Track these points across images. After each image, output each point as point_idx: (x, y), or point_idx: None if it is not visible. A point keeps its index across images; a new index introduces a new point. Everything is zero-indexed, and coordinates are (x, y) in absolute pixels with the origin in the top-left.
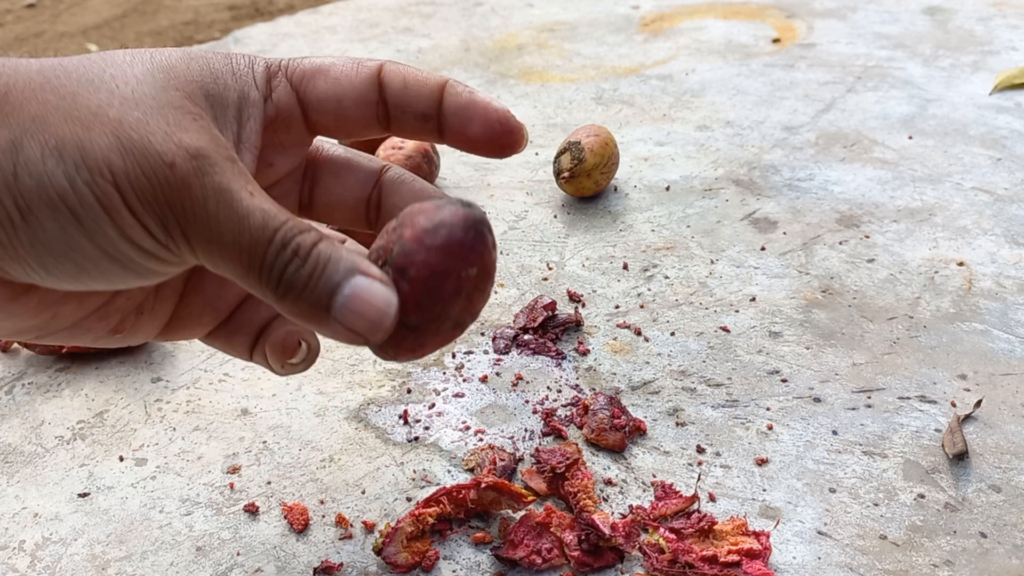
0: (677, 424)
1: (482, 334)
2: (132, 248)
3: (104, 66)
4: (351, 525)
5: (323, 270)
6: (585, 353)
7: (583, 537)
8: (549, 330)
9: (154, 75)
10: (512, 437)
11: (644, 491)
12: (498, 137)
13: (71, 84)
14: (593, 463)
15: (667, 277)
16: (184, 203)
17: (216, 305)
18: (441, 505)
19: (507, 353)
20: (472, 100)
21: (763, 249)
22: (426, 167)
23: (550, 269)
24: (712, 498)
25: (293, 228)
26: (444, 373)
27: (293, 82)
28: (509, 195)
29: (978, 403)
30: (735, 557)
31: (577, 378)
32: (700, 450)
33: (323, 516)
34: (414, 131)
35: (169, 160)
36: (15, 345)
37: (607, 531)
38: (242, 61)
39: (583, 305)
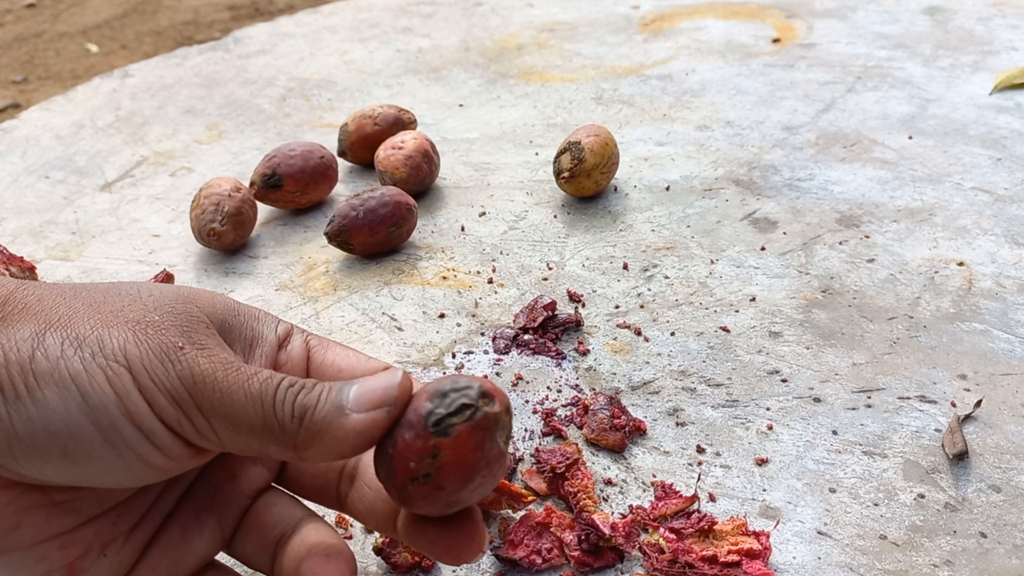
0: (677, 424)
1: (482, 334)
2: (133, 432)
3: (134, 285)
4: (351, 525)
5: (329, 389)
6: (585, 353)
7: (583, 537)
8: (549, 330)
9: (177, 294)
10: (512, 437)
11: (644, 491)
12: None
13: (99, 294)
14: (593, 463)
15: (667, 277)
16: (195, 375)
17: (178, 560)
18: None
19: (507, 353)
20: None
21: (763, 249)
22: (426, 167)
23: (550, 269)
24: (712, 498)
25: (293, 380)
26: (444, 373)
27: (309, 345)
28: (509, 195)
29: (978, 403)
30: (735, 557)
31: (577, 378)
32: (700, 450)
33: (323, 516)
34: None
35: (179, 345)
36: None
37: (607, 531)
38: (269, 317)
39: (583, 305)
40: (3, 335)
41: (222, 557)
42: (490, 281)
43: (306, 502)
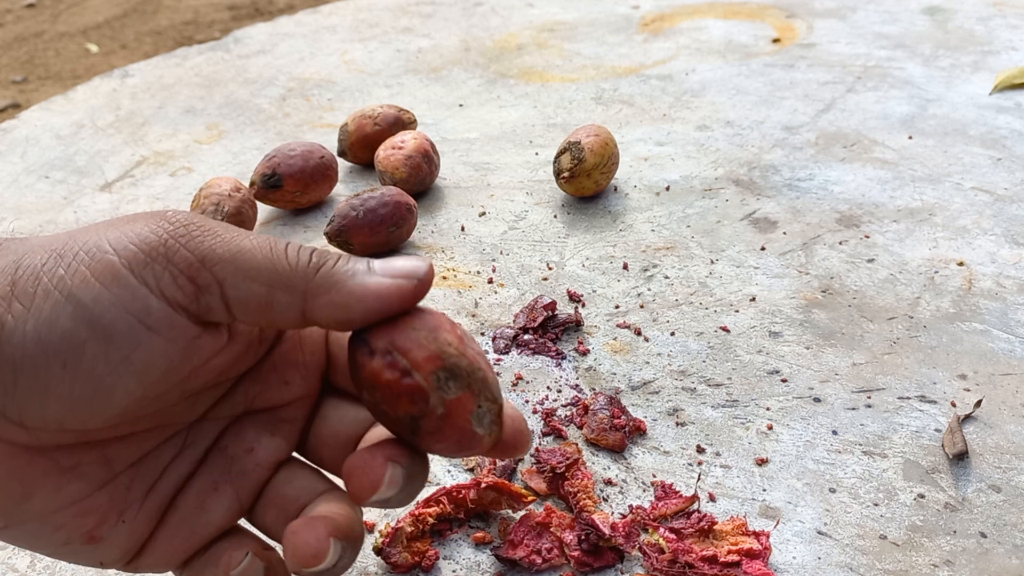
0: (677, 424)
1: (482, 334)
2: (127, 319)
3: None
4: None
5: (349, 256)
6: (585, 353)
7: (583, 537)
8: (549, 330)
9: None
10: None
11: (644, 491)
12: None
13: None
14: (593, 463)
15: (667, 277)
16: (191, 232)
17: (196, 528)
18: (441, 505)
19: (507, 353)
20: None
21: (763, 249)
22: (426, 167)
23: (550, 269)
24: (712, 498)
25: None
26: None
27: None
28: (509, 195)
29: (978, 403)
30: (735, 557)
31: (577, 378)
32: (700, 450)
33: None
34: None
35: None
36: None
37: (607, 531)
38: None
39: (583, 305)
40: None
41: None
42: (490, 281)
43: (328, 475)
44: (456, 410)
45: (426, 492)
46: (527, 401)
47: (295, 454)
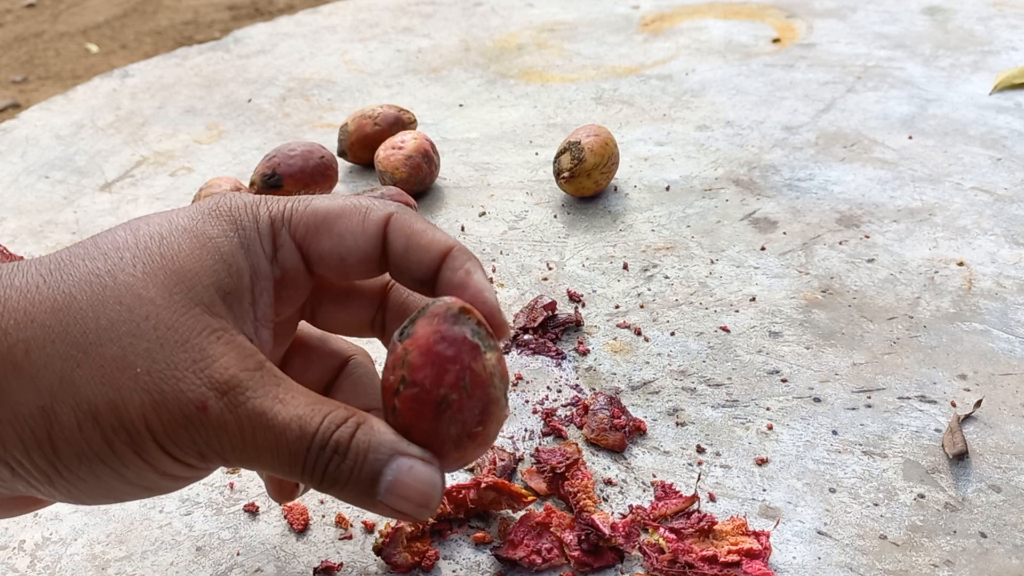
0: (677, 424)
1: None
2: (168, 480)
3: (118, 293)
4: (351, 525)
5: (364, 459)
6: (585, 353)
7: (583, 537)
8: (549, 330)
9: (171, 294)
10: (512, 437)
11: (644, 491)
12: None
13: (89, 332)
14: (593, 463)
15: (667, 277)
16: (221, 439)
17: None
18: (441, 505)
19: (507, 353)
20: (466, 283)
21: (763, 249)
22: (426, 167)
23: (550, 269)
24: (712, 498)
25: (329, 426)
26: None
27: (297, 239)
28: (509, 195)
29: (978, 403)
30: (735, 557)
31: (577, 378)
32: (700, 450)
33: (323, 516)
34: (408, 286)
35: (201, 403)
36: None
37: (607, 531)
38: (248, 223)
39: (583, 305)
40: (5, 408)
41: None
42: (490, 281)
43: None
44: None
45: None
46: (527, 401)
47: None
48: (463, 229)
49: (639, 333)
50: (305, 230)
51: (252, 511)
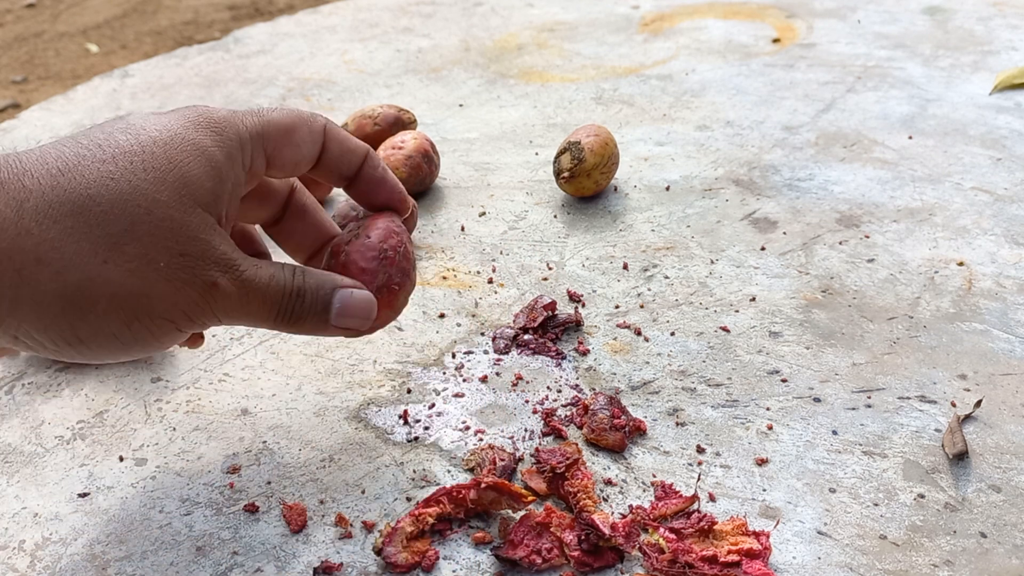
0: (677, 424)
1: (482, 334)
2: (165, 346)
3: (135, 196)
4: (351, 525)
5: (316, 296)
6: (585, 353)
7: (583, 537)
8: (549, 330)
9: (180, 196)
10: (512, 437)
11: (644, 491)
12: (392, 208)
13: (114, 232)
14: (593, 463)
15: (667, 277)
16: (228, 304)
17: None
18: (441, 505)
19: (507, 353)
20: (384, 178)
21: (763, 249)
22: (426, 167)
23: (550, 269)
24: (712, 498)
25: (291, 279)
26: (444, 373)
27: (268, 151)
28: (509, 195)
29: (978, 403)
30: (735, 557)
31: (577, 378)
32: (700, 450)
33: (323, 516)
34: (331, 182)
35: (213, 282)
36: None
37: (607, 531)
38: (231, 135)
39: (583, 305)
40: (25, 295)
41: None
42: (490, 281)
43: None
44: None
45: (426, 492)
46: (527, 401)
47: None
48: (463, 229)
49: (639, 333)
50: (274, 143)
51: (252, 511)
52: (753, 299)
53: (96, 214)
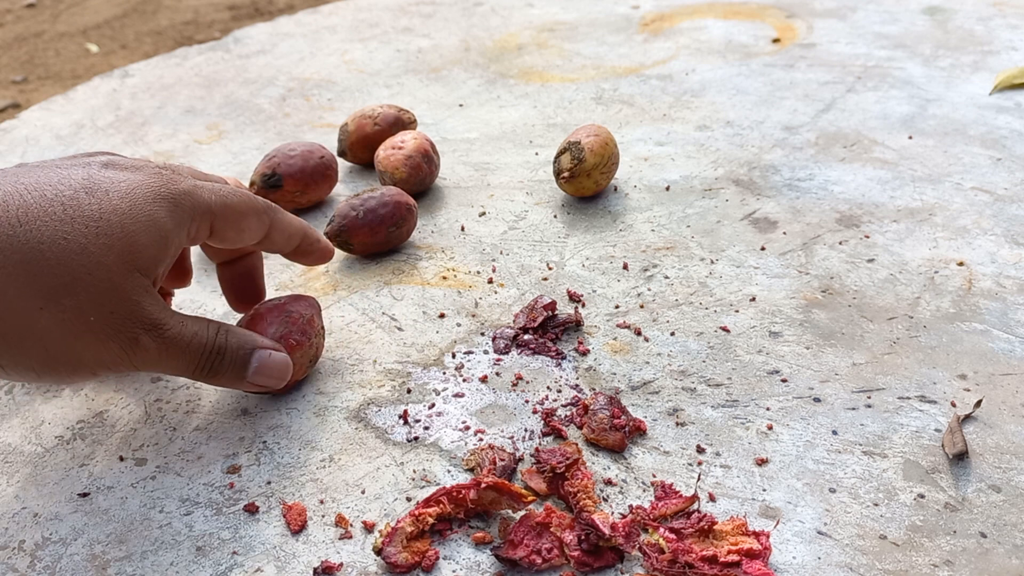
0: (677, 424)
1: (482, 334)
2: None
3: (82, 258)
4: (351, 525)
5: (235, 355)
6: (585, 353)
7: (583, 537)
8: (549, 330)
9: (123, 262)
10: (512, 437)
11: (644, 491)
12: (315, 262)
13: (55, 286)
14: (593, 463)
15: (667, 277)
16: (146, 359)
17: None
18: (441, 505)
19: (507, 353)
20: (313, 250)
21: (763, 249)
22: (426, 167)
23: (550, 269)
24: (712, 498)
25: (212, 335)
26: (444, 373)
27: (214, 228)
28: (509, 195)
29: (978, 403)
30: (735, 557)
31: (577, 378)
32: (700, 450)
33: (323, 516)
34: (266, 250)
35: (135, 338)
36: None
37: (607, 531)
38: (186, 208)
39: (583, 305)
40: None
41: None
42: (490, 281)
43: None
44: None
45: (426, 492)
46: (527, 401)
47: None
48: (463, 229)
49: (639, 333)
50: (223, 223)
51: (252, 511)
52: (753, 299)
53: (43, 267)
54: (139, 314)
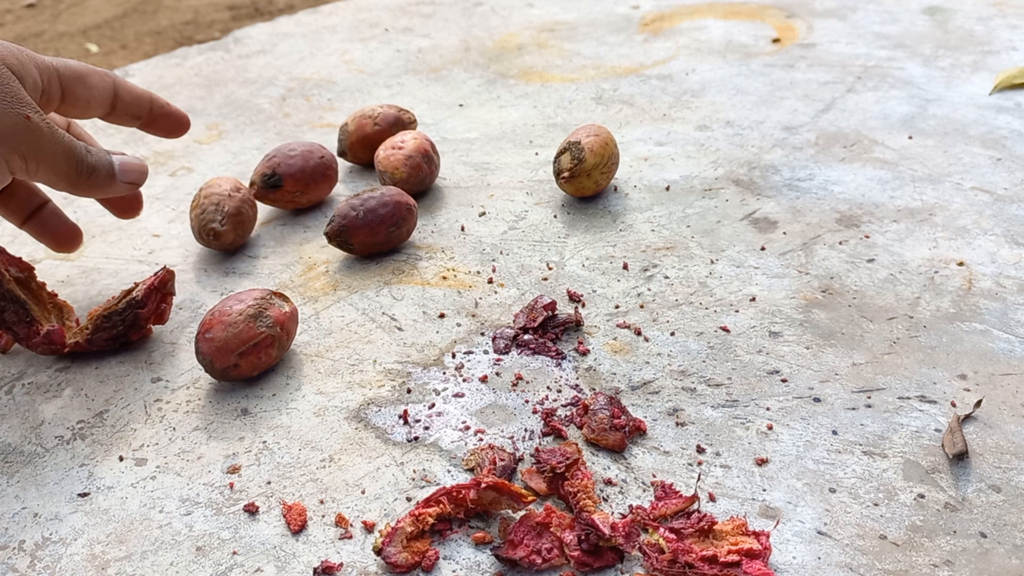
0: (677, 424)
1: (482, 334)
2: None
3: None
4: (351, 525)
5: (101, 159)
6: (585, 353)
7: (583, 537)
8: (549, 330)
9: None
10: (512, 437)
11: (644, 491)
12: (174, 129)
13: None
14: (593, 463)
15: (667, 277)
16: (39, 140)
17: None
18: (441, 505)
19: (507, 353)
20: (168, 111)
21: (763, 249)
22: (426, 167)
23: (550, 269)
24: (712, 498)
25: (79, 143)
26: (444, 373)
27: (63, 84)
28: (509, 195)
29: (978, 403)
30: (735, 557)
31: (577, 378)
32: (700, 450)
33: (323, 516)
34: (128, 124)
35: (26, 116)
36: (15, 345)
37: (607, 531)
38: (28, 64)
39: (583, 305)
40: None
41: None
42: (490, 281)
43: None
44: None
45: (426, 492)
46: (527, 401)
47: None
48: (463, 229)
49: (639, 333)
50: (69, 80)
51: (252, 511)
52: (753, 299)
53: None
54: (25, 98)
